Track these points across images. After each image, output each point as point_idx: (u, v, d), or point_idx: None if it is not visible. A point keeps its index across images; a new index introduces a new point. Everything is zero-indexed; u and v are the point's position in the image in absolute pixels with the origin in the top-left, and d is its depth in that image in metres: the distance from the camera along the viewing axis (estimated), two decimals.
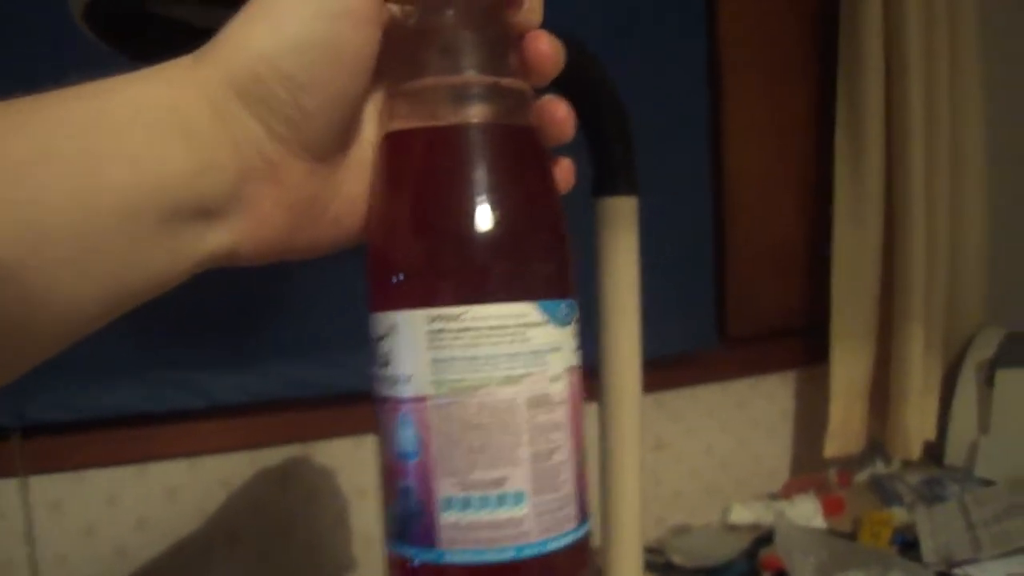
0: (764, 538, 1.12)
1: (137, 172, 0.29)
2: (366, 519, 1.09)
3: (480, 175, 0.33)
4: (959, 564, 0.98)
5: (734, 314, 1.29)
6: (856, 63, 1.27)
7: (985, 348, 1.34)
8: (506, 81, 0.34)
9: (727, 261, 1.28)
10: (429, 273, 0.32)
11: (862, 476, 1.38)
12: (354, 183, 0.36)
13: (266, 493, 1.04)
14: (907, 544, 1.07)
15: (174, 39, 0.57)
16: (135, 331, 0.92)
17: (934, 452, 1.35)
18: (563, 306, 0.34)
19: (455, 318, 0.31)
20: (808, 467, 1.38)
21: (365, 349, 0.62)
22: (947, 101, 1.30)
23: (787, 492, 1.29)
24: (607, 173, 0.74)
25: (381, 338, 0.33)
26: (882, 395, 1.33)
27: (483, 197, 0.32)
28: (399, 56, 0.34)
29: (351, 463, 1.07)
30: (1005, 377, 1.29)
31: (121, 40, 0.56)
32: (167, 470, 0.99)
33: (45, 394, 0.90)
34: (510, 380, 0.32)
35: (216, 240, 0.32)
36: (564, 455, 0.33)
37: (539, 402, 0.32)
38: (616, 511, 0.73)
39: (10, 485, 0.91)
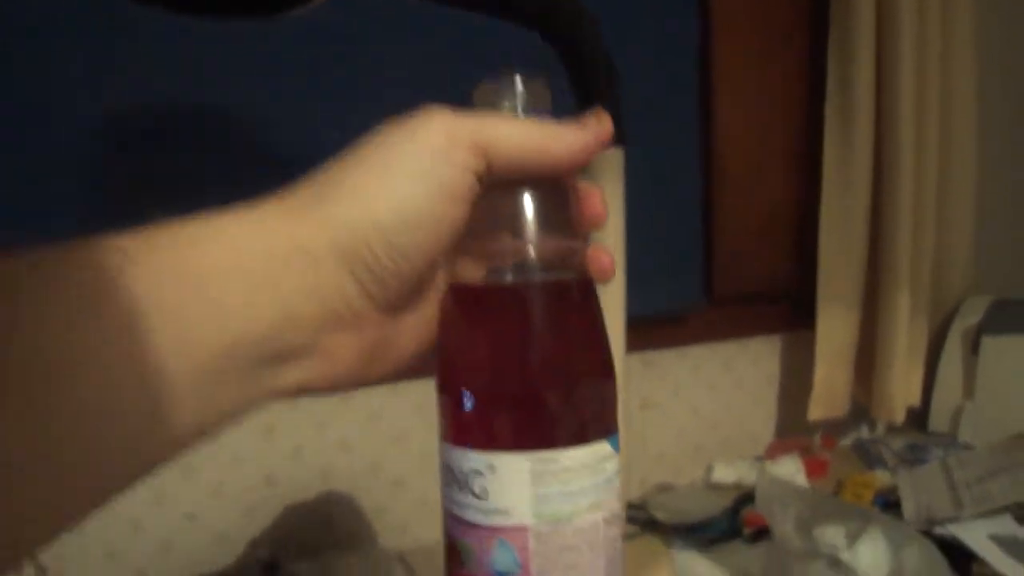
0: (747, 497, 1.13)
1: (225, 328, 0.31)
2: (401, 463, 1.09)
3: (564, 331, 0.39)
4: (940, 523, 0.98)
5: (721, 276, 1.28)
6: (847, 28, 1.26)
7: (971, 315, 1.34)
8: (569, 244, 0.40)
9: (715, 223, 1.28)
10: (535, 422, 0.37)
11: (846, 441, 1.38)
12: (418, 323, 0.40)
13: (248, 446, 1.03)
14: (888, 506, 1.08)
15: None
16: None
17: (918, 418, 1.35)
18: (618, 436, 0.39)
19: (555, 460, 0.36)
20: (792, 431, 1.38)
21: None
22: (938, 71, 1.30)
23: (771, 454, 1.29)
24: None
25: (474, 473, 0.37)
26: (867, 360, 1.33)
27: (573, 353, 0.38)
28: (472, 217, 0.38)
29: (335, 415, 1.07)
30: (991, 343, 1.29)
31: None
32: None
33: None
34: (594, 507, 0.37)
35: (289, 379, 0.34)
36: (620, 551, 0.40)
37: (612, 520, 0.38)
38: None
39: None
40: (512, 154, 0.37)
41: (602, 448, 0.38)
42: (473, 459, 0.37)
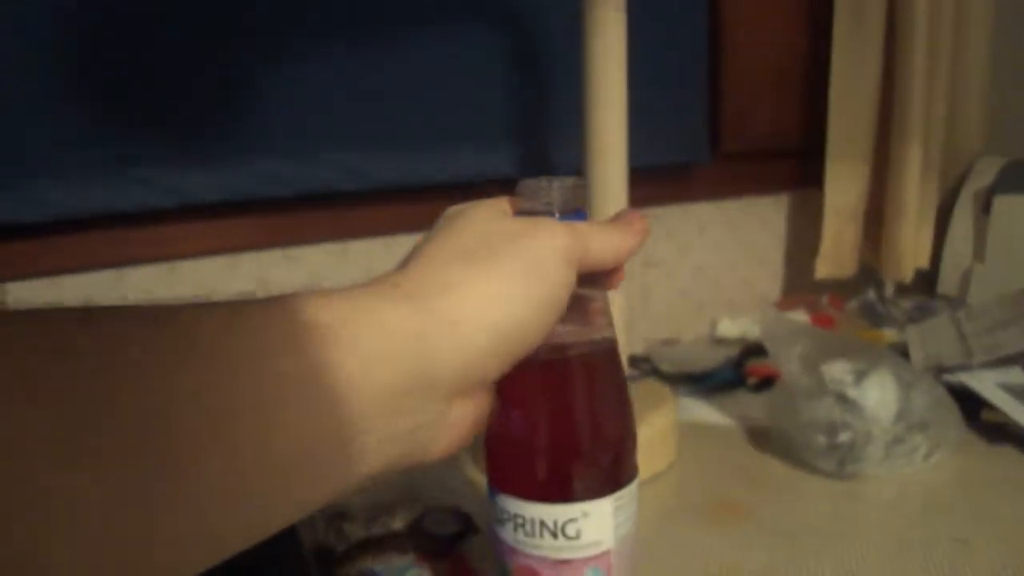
0: (751, 350, 1.11)
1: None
2: None
3: (621, 395, 0.47)
4: (949, 371, 0.97)
5: (729, 130, 1.25)
6: None
7: (983, 176, 1.31)
8: (602, 325, 0.47)
9: (724, 75, 1.23)
10: (617, 472, 0.47)
11: (853, 304, 1.36)
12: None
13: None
14: None
15: None
16: (95, 126, 0.88)
17: (927, 281, 1.33)
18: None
19: (625, 495, 0.47)
20: (799, 292, 1.36)
21: (350, 145, 0.79)
22: None
23: (778, 309, 1.27)
24: None
25: (570, 521, 0.45)
26: (877, 219, 1.30)
27: (629, 411, 0.48)
28: None
29: (335, 270, 1.04)
30: (1003, 203, 1.26)
31: None
32: (145, 274, 0.96)
33: (5, 192, 0.85)
34: (635, 515, 0.49)
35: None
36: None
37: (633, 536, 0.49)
38: None
39: None
40: (595, 263, 0.42)
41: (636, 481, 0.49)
42: (570, 510, 0.45)
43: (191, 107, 0.92)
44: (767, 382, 1.02)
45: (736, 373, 1.06)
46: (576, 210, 0.45)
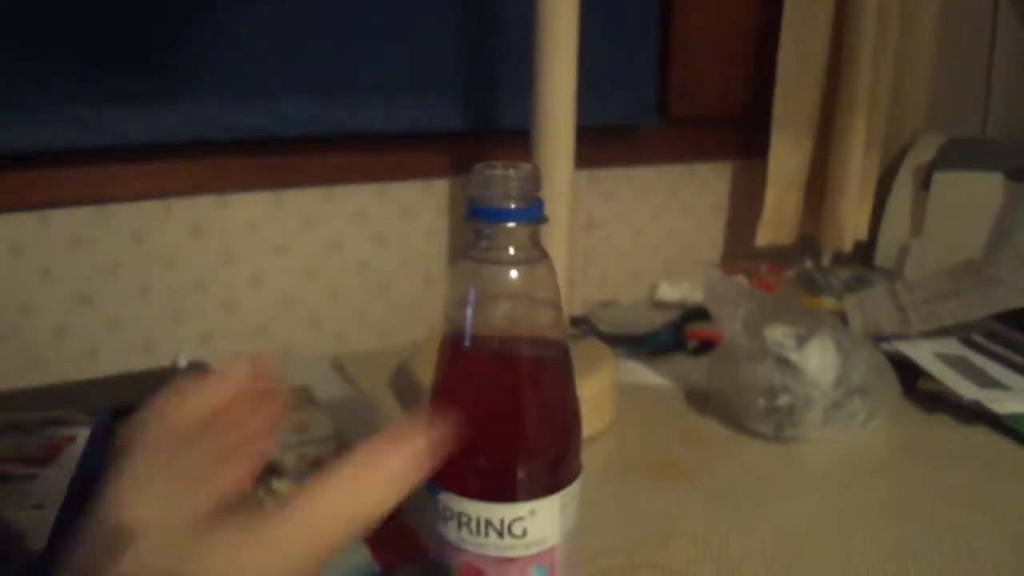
0: (690, 314, 1.11)
1: None
2: (284, 277, 1.04)
3: (571, 393, 0.47)
4: (887, 339, 0.97)
5: (677, 95, 1.23)
6: None
7: (924, 152, 1.32)
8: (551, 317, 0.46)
9: (673, 39, 1.22)
10: (565, 470, 0.46)
11: (791, 273, 1.36)
12: None
13: (180, 246, 0.97)
14: None
15: None
16: (29, 60, 0.84)
17: (864, 254, 1.34)
18: None
19: (572, 492, 0.46)
20: (738, 260, 1.35)
21: (293, 94, 0.85)
22: None
23: None
24: None
25: (517, 520, 0.44)
26: (818, 189, 1.30)
27: (577, 409, 0.47)
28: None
29: (269, 219, 1.01)
30: (942, 179, 1.27)
31: None
32: (73, 217, 0.92)
33: None
34: (578, 511, 0.47)
35: None
36: None
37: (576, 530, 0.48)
38: None
39: None
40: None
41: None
42: (517, 509, 0.44)
43: (126, 45, 0.88)
44: (707, 346, 1.01)
45: (676, 336, 1.05)
46: (535, 200, 0.43)
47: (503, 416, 0.45)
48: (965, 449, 0.81)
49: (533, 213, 0.42)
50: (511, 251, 0.43)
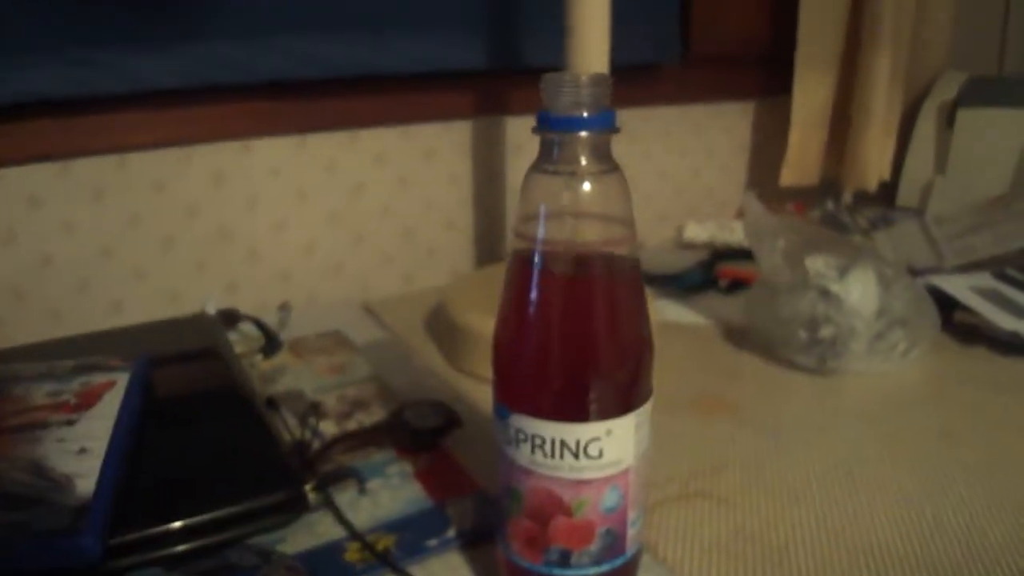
0: (720, 254, 1.10)
1: None
2: (307, 222, 1.02)
3: (642, 311, 0.46)
4: (922, 273, 0.96)
5: (699, 32, 1.21)
6: None
7: (947, 90, 1.30)
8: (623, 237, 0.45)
9: None
10: (639, 389, 0.45)
11: (814, 214, 1.35)
12: None
13: (202, 194, 0.96)
14: None
15: None
16: (45, 3, 0.82)
17: (887, 194, 1.32)
18: None
19: (645, 412, 0.45)
20: (761, 200, 1.34)
21: (316, 33, 0.79)
22: None
23: (740, 215, 1.26)
24: None
25: (593, 440, 0.43)
26: (842, 128, 1.28)
27: (648, 329, 0.46)
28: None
29: (293, 164, 1.00)
30: (967, 116, 1.25)
31: None
32: (92, 166, 0.90)
33: None
34: (649, 432, 0.47)
35: None
36: None
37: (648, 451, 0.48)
38: None
39: None
40: None
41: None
42: (593, 429, 0.43)
43: None
44: (738, 284, 1.00)
45: (707, 275, 1.04)
46: (606, 108, 0.42)
47: (579, 334, 0.43)
48: (1005, 378, 0.80)
49: (606, 121, 0.41)
50: (583, 162, 0.41)
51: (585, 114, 0.41)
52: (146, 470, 0.58)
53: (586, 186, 0.41)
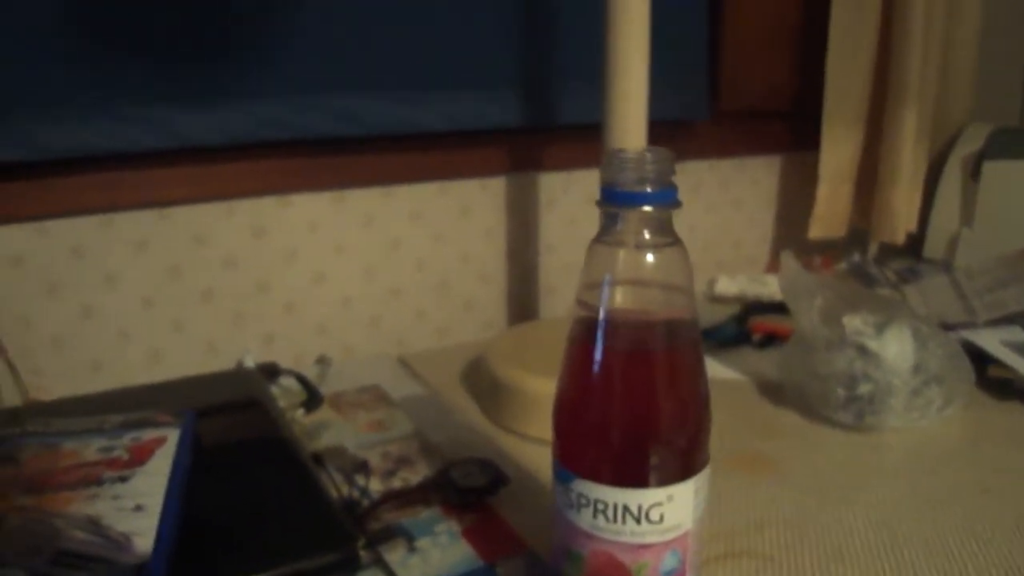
0: (752, 307, 1.10)
1: None
2: (344, 276, 1.04)
3: (702, 380, 0.47)
4: (954, 328, 0.97)
5: (727, 89, 1.23)
6: None
7: (972, 142, 1.31)
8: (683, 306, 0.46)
9: (724, 33, 1.22)
10: (699, 456, 0.46)
11: (841, 266, 1.36)
12: None
13: (242, 247, 0.98)
14: None
15: None
16: (93, 60, 0.84)
17: (913, 245, 1.33)
18: None
19: (703, 477, 0.46)
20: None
21: (353, 92, 0.81)
22: None
23: (770, 269, 1.27)
24: None
25: (655, 505, 0.44)
26: (869, 181, 1.30)
27: (705, 394, 0.47)
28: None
29: (332, 218, 1.01)
30: (992, 168, 1.26)
31: None
32: (134, 220, 0.92)
33: None
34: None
35: None
36: None
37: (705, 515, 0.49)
38: None
39: None
40: None
41: None
42: (655, 495, 0.44)
43: (188, 45, 0.88)
44: (771, 338, 1.01)
45: (740, 329, 1.05)
46: (670, 183, 0.43)
47: (642, 401, 0.44)
48: None
49: (669, 196, 0.42)
50: (646, 235, 0.42)
51: (649, 189, 0.41)
52: (199, 528, 0.58)
53: (649, 258, 0.42)
